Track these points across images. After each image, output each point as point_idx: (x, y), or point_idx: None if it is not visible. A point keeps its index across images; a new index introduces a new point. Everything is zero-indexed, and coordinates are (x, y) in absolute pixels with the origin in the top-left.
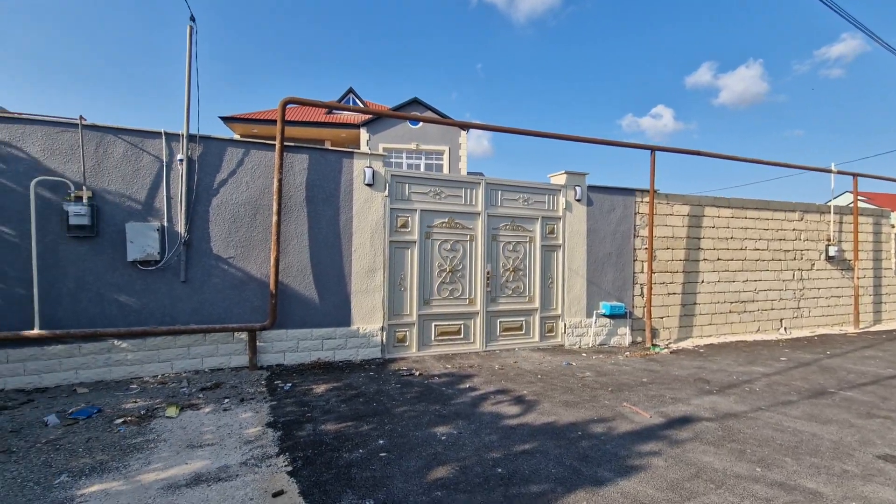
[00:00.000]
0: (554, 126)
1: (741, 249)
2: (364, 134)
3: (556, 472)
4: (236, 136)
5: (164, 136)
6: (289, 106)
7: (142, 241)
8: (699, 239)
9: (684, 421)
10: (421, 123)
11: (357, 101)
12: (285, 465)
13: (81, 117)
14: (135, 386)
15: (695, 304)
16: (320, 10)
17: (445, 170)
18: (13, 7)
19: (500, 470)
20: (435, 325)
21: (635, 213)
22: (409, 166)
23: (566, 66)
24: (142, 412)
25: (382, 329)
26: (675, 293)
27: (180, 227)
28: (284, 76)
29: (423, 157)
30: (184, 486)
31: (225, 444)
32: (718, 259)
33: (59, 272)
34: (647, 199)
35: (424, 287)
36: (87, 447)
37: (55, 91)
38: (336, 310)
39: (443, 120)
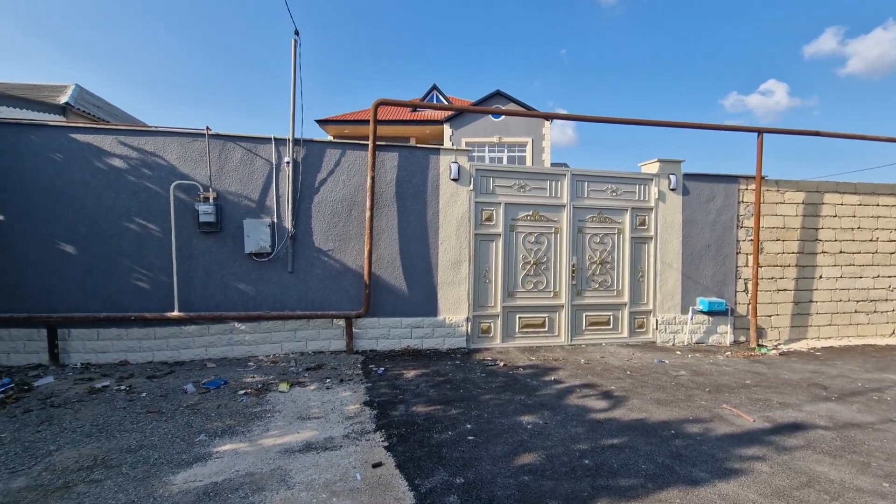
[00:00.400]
0: (646, 111)
1: (871, 241)
2: (447, 129)
3: (646, 469)
4: (330, 138)
5: (273, 142)
6: (379, 106)
7: (256, 236)
8: (817, 229)
9: (794, 427)
10: (503, 116)
11: (440, 97)
12: (382, 441)
13: (207, 128)
14: (251, 364)
15: (811, 301)
16: (404, 8)
17: (528, 162)
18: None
19: (587, 461)
20: (519, 318)
21: (739, 202)
22: (492, 159)
23: (660, 46)
24: (259, 386)
25: (467, 320)
26: (785, 289)
27: (287, 223)
28: (372, 77)
29: (506, 150)
30: (297, 451)
31: (329, 419)
32: (841, 252)
33: (192, 263)
34: (752, 186)
35: (508, 279)
36: (218, 413)
37: (181, 103)
38: (424, 300)
39: (525, 112)
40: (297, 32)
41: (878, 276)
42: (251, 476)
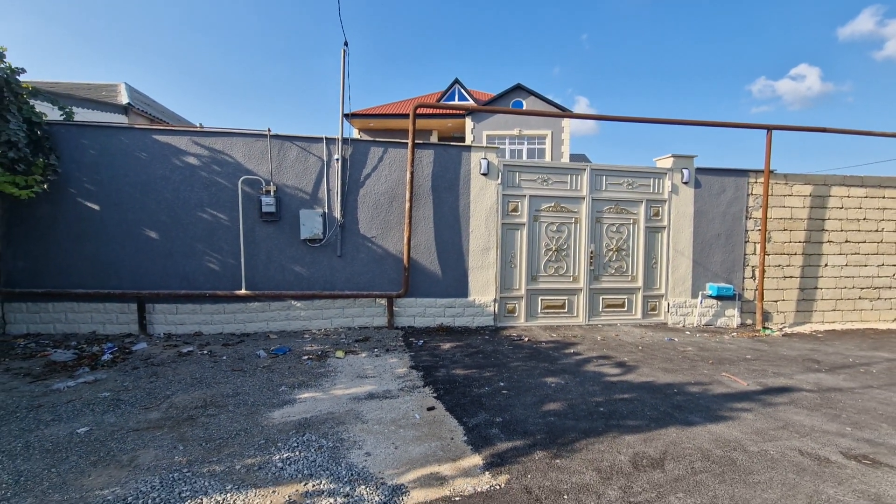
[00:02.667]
0: (669, 98)
1: (877, 231)
2: (469, 122)
3: (650, 414)
4: (355, 134)
5: (324, 141)
6: (419, 108)
7: (310, 224)
8: (823, 220)
9: (782, 390)
10: (525, 107)
11: (462, 90)
12: (431, 393)
13: (269, 129)
14: (307, 336)
15: (816, 288)
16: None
17: (548, 153)
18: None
19: (601, 409)
20: (541, 299)
21: (748, 195)
22: (512, 152)
23: (686, 30)
24: (318, 353)
25: (495, 301)
26: (792, 276)
27: (337, 213)
28: (395, 72)
29: (526, 142)
30: (363, 398)
31: (383, 377)
32: (847, 241)
33: (256, 248)
34: (761, 179)
35: (532, 264)
36: (290, 371)
37: (243, 107)
38: (456, 283)
39: (545, 112)
40: (346, 43)
41: (883, 265)
42: (332, 414)
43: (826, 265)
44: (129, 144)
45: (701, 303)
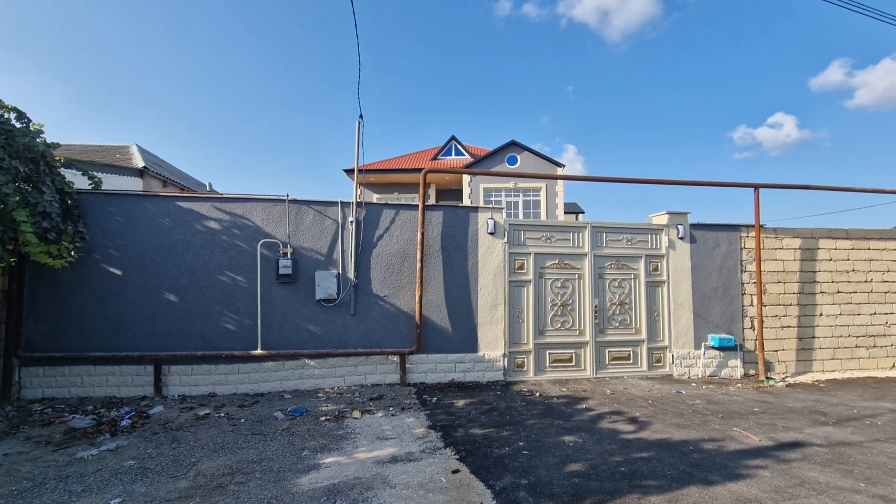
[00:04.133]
0: (656, 147)
1: (866, 282)
2: (466, 177)
3: (670, 473)
4: (354, 189)
5: (339, 205)
6: (430, 165)
7: (325, 285)
8: (814, 272)
9: (794, 445)
10: (518, 163)
11: (459, 146)
12: (453, 455)
13: (287, 195)
14: (321, 395)
15: (813, 337)
16: (417, 64)
17: (542, 205)
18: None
19: (622, 469)
20: (549, 353)
21: (741, 248)
22: (508, 204)
23: (667, 81)
24: (335, 413)
25: (504, 355)
26: (789, 326)
27: (350, 273)
28: (392, 128)
29: (521, 195)
30: (387, 462)
31: (403, 439)
32: (839, 292)
33: (272, 308)
34: (752, 234)
35: (539, 319)
36: (310, 434)
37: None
38: (465, 338)
39: (540, 175)
40: (361, 116)
41: (875, 314)
42: (359, 479)
43: (821, 314)
44: (154, 211)
45: (704, 354)
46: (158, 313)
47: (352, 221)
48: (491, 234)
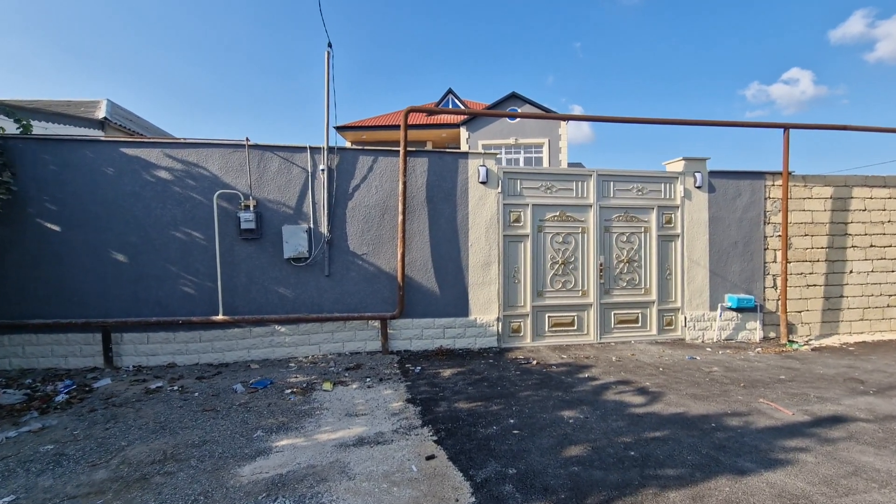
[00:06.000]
0: (664, 104)
1: None
2: (464, 132)
3: (692, 459)
4: (348, 144)
5: (308, 151)
6: (409, 113)
7: (294, 241)
8: (846, 224)
9: (835, 420)
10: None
11: (456, 101)
12: (430, 435)
13: (247, 139)
14: (293, 364)
15: (841, 296)
16: (417, 12)
17: (545, 162)
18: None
19: (632, 453)
20: (548, 317)
21: (765, 199)
22: (509, 161)
23: (678, 36)
24: (304, 385)
25: (498, 319)
26: (815, 284)
27: (323, 228)
28: (386, 83)
29: (522, 151)
30: (351, 445)
31: (376, 415)
32: (871, 246)
33: (235, 268)
34: (778, 182)
35: (537, 279)
36: (269, 410)
37: (215, 118)
38: (455, 301)
39: (541, 114)
40: (329, 45)
41: None
42: (313, 468)
43: (851, 272)
44: (95, 159)
45: (720, 316)
46: (108, 275)
47: (323, 170)
48: (483, 183)
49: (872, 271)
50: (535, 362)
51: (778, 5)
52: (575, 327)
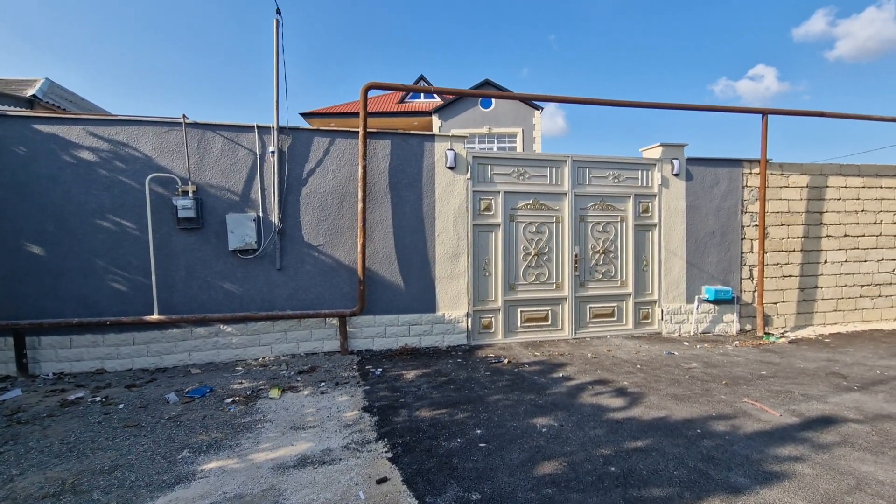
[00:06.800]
0: (636, 97)
1: (875, 224)
2: (436, 121)
3: (679, 475)
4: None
5: (256, 130)
6: (369, 90)
7: (241, 231)
8: (821, 213)
9: (825, 422)
10: (493, 106)
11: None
12: (385, 452)
13: (184, 116)
14: (240, 368)
15: (816, 287)
16: (386, 2)
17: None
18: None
19: (613, 469)
20: (521, 311)
21: (743, 187)
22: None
23: (649, 31)
24: (248, 393)
25: (467, 315)
26: (791, 275)
27: (274, 217)
28: (355, 71)
29: (496, 141)
30: (292, 467)
31: (325, 427)
32: (846, 235)
33: (173, 262)
34: (756, 170)
35: (509, 272)
36: (203, 424)
37: (163, 97)
38: (421, 296)
39: (517, 95)
40: (278, 11)
41: (883, 260)
42: (240, 499)
43: (825, 262)
44: (2, 136)
45: (697, 308)
46: (20, 270)
47: (273, 152)
48: (451, 168)
49: (846, 261)
50: (506, 361)
51: (746, 3)
52: (549, 322)
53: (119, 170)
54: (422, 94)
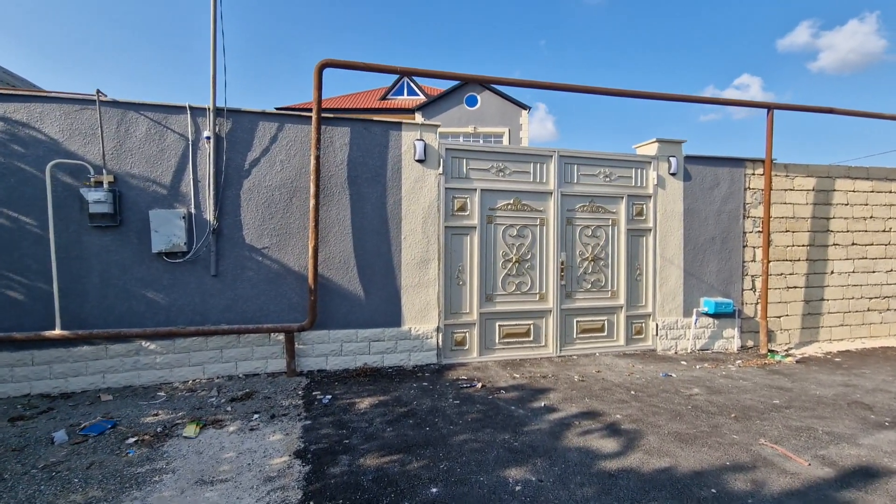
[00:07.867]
0: (625, 109)
1: (885, 231)
2: (419, 118)
3: None
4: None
5: (188, 111)
6: (324, 68)
7: (167, 230)
8: (828, 219)
9: (866, 475)
10: (479, 104)
11: (413, 85)
12: None
13: (99, 92)
14: (162, 393)
15: (822, 300)
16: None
17: None
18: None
19: None
20: (499, 326)
21: (745, 189)
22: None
23: (639, 39)
24: (159, 430)
25: (438, 330)
26: (795, 286)
27: (209, 214)
28: (346, 74)
29: (482, 140)
30: None
31: (240, 482)
32: (853, 244)
33: (84, 266)
34: (759, 171)
35: (486, 280)
36: (84, 476)
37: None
38: (384, 307)
39: (505, 81)
40: None
41: (892, 270)
42: None
43: (832, 272)
44: None
45: (696, 323)
46: None
47: (208, 137)
48: (420, 161)
49: (853, 272)
50: (480, 385)
51: (732, 11)
52: (531, 338)
53: (16, 154)
54: (405, 92)
